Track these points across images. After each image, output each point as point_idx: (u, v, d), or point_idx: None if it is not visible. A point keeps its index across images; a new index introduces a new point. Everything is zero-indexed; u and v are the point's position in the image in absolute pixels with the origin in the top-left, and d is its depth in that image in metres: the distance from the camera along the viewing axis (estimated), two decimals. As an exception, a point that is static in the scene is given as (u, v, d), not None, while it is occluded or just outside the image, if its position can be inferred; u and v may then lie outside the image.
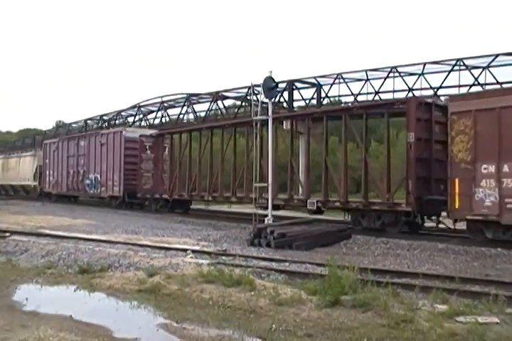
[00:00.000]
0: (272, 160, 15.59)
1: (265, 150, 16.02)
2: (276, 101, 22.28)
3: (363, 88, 24.17)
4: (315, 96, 25.60)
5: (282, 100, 26.01)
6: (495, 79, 20.29)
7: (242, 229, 14.99)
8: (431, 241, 12.36)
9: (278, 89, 18.63)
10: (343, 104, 26.00)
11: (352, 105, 21.29)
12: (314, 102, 25.56)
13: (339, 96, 25.96)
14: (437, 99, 16.66)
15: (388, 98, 22.64)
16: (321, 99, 25.54)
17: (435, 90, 21.39)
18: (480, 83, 20.50)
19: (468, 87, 20.73)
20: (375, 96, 23.73)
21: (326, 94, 25.62)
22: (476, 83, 20.55)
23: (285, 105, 26.05)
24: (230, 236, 14.01)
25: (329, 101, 26.12)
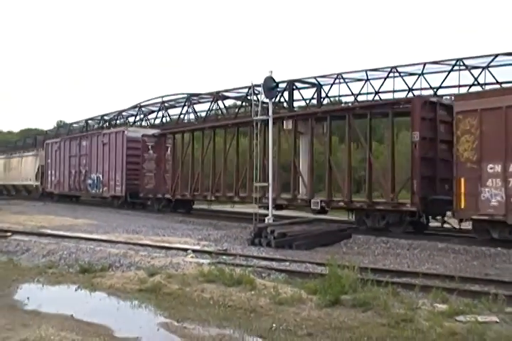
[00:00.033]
0: (273, 160, 15.58)
1: (268, 150, 15.94)
2: (276, 101, 22.24)
3: (363, 88, 24.14)
4: (315, 96, 25.61)
5: (282, 100, 26.03)
6: (494, 79, 20.28)
7: (243, 229, 15.00)
8: (431, 240, 12.36)
9: (278, 89, 18.61)
10: (343, 104, 25.99)
11: (355, 105, 21.06)
12: (314, 102, 25.58)
13: (339, 96, 25.92)
14: (442, 98, 16.57)
15: (388, 98, 22.62)
16: (321, 99, 25.53)
17: (435, 90, 21.37)
18: (480, 83, 20.49)
19: (468, 87, 20.75)
20: (375, 96, 23.71)
21: (326, 94, 25.60)
22: (476, 83, 20.55)
23: (285, 105, 26.07)
24: (231, 235, 14.04)
25: (329, 101, 26.12)
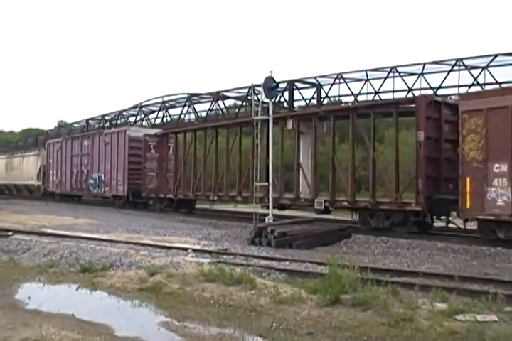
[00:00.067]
0: (275, 159, 15.55)
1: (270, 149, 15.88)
2: (276, 101, 22.25)
3: (363, 88, 24.18)
4: (315, 96, 25.64)
5: (283, 100, 26.06)
6: (494, 79, 20.31)
7: (243, 228, 14.99)
8: (430, 240, 12.35)
9: (278, 89, 18.61)
10: (343, 104, 26.00)
11: (359, 104, 20.90)
12: (314, 102, 25.60)
13: (339, 96, 25.95)
14: (447, 98, 16.40)
15: (388, 98, 22.66)
16: (322, 99, 25.56)
17: (435, 90, 21.39)
18: (479, 83, 20.52)
19: (467, 87, 20.78)
20: (375, 96, 23.75)
21: (326, 94, 25.61)
22: (476, 83, 20.58)
23: (285, 105, 26.10)
24: (231, 235, 14.04)
25: (329, 101, 26.14)
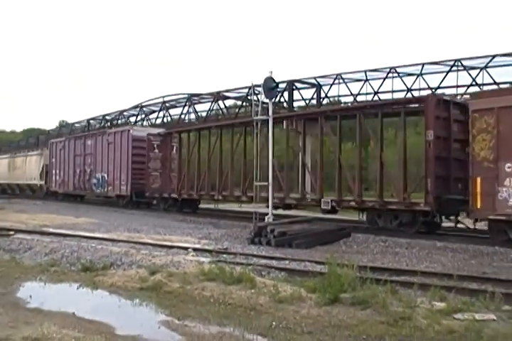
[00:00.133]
0: (280, 159, 15.51)
1: (275, 149, 15.80)
2: (276, 101, 22.28)
3: (363, 88, 24.27)
4: (315, 96, 25.69)
5: (282, 100, 26.11)
6: (492, 79, 20.39)
7: (243, 228, 14.96)
8: (429, 239, 12.34)
9: (278, 89, 18.62)
10: (343, 104, 26.03)
11: (367, 103, 20.64)
12: (314, 102, 25.65)
13: (339, 96, 26.04)
14: (455, 97, 16.40)
15: (387, 98, 22.73)
16: (321, 99, 25.61)
17: (433, 90, 21.45)
18: (478, 83, 20.59)
19: (466, 88, 20.85)
20: (374, 96, 23.82)
21: (326, 95, 25.68)
22: (474, 83, 20.65)
23: (285, 105, 26.14)
24: (231, 234, 14.03)
25: (329, 101, 26.19)
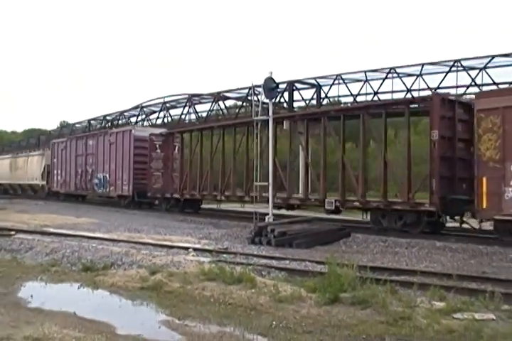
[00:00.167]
0: (284, 159, 15.49)
1: (278, 149, 15.76)
2: (276, 101, 22.28)
3: (362, 88, 24.29)
4: (315, 96, 25.71)
5: (282, 100, 26.13)
6: (492, 80, 20.43)
7: (243, 228, 14.97)
8: (429, 239, 12.35)
9: (278, 89, 18.61)
10: (342, 105, 26.05)
11: (371, 103, 20.46)
12: (314, 102, 25.67)
13: (338, 96, 26.05)
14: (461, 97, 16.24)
15: (387, 98, 22.75)
16: (321, 100, 25.64)
17: (433, 91, 21.47)
18: (477, 84, 20.63)
19: (465, 88, 20.88)
20: (374, 96, 23.84)
21: (326, 95, 25.69)
22: (473, 84, 20.68)
23: (285, 105, 26.17)
24: (231, 234, 14.04)
25: (329, 101, 26.20)
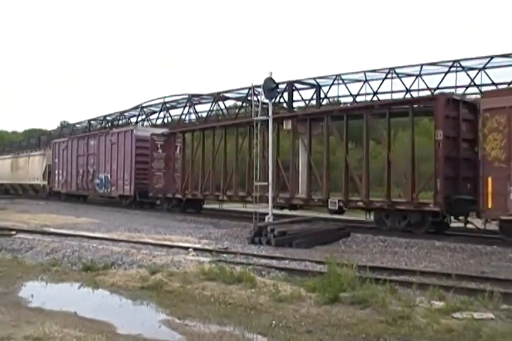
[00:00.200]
0: (288, 160, 15.50)
1: (281, 149, 15.76)
2: (276, 101, 22.31)
3: (362, 89, 24.34)
4: (314, 96, 25.76)
5: (282, 101, 26.16)
6: (491, 80, 20.49)
7: (243, 228, 14.98)
8: (428, 239, 12.35)
9: (278, 89, 18.63)
10: (342, 105, 26.08)
11: (374, 102, 20.26)
12: (314, 103, 25.72)
13: (338, 96, 26.09)
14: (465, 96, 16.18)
15: (386, 98, 22.79)
16: (321, 100, 25.68)
17: (432, 91, 21.51)
18: (476, 84, 20.67)
19: (464, 88, 20.92)
20: (374, 96, 23.89)
21: (325, 95, 25.75)
22: (473, 84, 20.73)
23: (285, 106, 26.21)
24: (231, 234, 14.05)
25: (328, 101, 26.24)
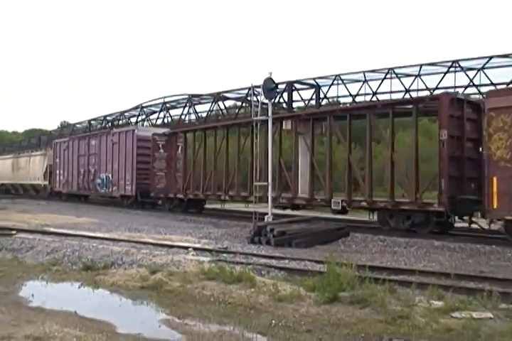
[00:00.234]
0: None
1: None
2: (276, 101, 22.31)
3: (361, 89, 24.38)
4: (314, 97, 25.78)
5: (282, 101, 26.19)
6: (489, 80, 20.53)
7: (243, 227, 14.99)
8: (427, 238, 12.36)
9: (278, 90, 18.64)
10: (342, 105, 26.11)
11: (377, 102, 20.25)
12: (313, 103, 25.75)
13: (337, 97, 26.14)
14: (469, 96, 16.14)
15: (386, 98, 22.82)
16: (320, 100, 25.70)
17: (431, 91, 21.55)
18: (475, 84, 20.71)
19: (463, 88, 20.96)
20: (373, 97, 23.93)
21: (325, 95, 25.78)
22: (471, 84, 20.77)
23: (285, 106, 26.25)
24: (231, 234, 14.06)
25: (328, 101, 26.27)
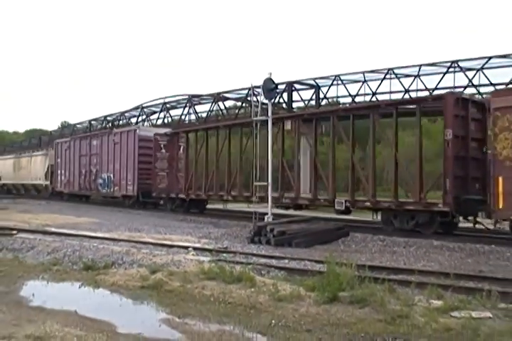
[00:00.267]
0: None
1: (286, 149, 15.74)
2: (275, 102, 22.34)
3: (361, 89, 24.43)
4: (313, 97, 25.82)
5: (282, 101, 26.23)
6: (488, 80, 20.57)
7: (243, 227, 15.00)
8: (426, 238, 12.38)
9: (277, 90, 18.65)
10: (341, 105, 26.13)
11: (381, 102, 20.04)
12: (313, 103, 25.79)
13: (337, 97, 26.20)
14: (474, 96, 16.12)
15: (385, 99, 22.87)
16: (320, 100, 25.74)
17: (431, 91, 21.58)
18: (474, 84, 20.75)
19: (462, 89, 20.99)
20: (372, 97, 23.97)
21: (325, 95, 25.83)
22: (471, 84, 20.80)
23: (284, 106, 26.28)
24: (231, 233, 14.06)
25: (327, 102, 26.31)
